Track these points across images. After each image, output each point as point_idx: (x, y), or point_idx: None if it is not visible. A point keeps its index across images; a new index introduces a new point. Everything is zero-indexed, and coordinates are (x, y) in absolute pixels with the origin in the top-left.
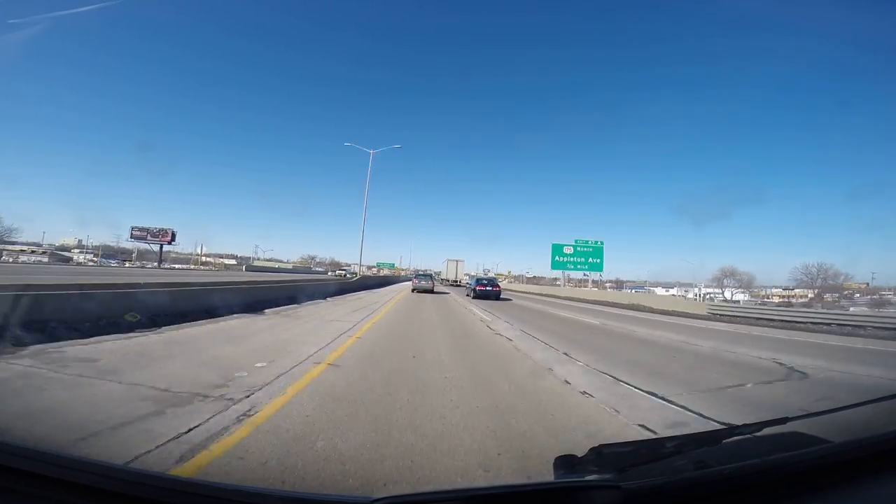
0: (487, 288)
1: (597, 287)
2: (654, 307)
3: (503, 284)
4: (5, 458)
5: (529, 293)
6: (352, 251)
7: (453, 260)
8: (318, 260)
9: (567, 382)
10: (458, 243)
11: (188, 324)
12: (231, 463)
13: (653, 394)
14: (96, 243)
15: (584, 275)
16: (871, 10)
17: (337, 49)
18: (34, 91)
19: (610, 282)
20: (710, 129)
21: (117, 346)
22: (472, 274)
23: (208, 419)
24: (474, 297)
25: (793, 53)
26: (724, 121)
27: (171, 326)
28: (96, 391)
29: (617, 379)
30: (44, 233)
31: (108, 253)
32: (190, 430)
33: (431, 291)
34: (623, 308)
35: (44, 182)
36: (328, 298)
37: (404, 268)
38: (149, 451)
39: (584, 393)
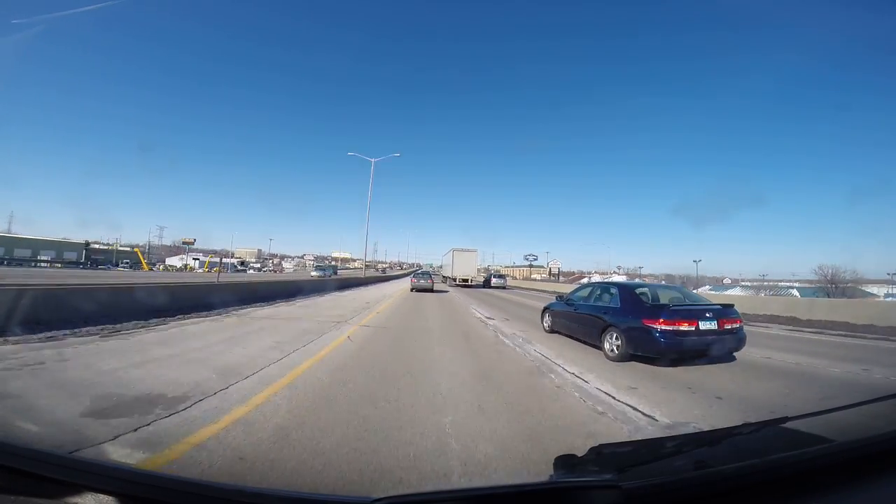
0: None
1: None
2: None
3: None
4: (5, 458)
5: None
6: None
7: (462, 250)
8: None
9: None
10: (451, 237)
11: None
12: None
13: None
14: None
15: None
16: (873, 9)
17: (340, 47)
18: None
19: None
20: (710, 123)
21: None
22: (481, 267)
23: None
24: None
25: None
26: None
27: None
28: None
29: None
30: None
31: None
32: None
33: (431, 290)
34: None
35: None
36: None
37: (385, 261)
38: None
39: None
